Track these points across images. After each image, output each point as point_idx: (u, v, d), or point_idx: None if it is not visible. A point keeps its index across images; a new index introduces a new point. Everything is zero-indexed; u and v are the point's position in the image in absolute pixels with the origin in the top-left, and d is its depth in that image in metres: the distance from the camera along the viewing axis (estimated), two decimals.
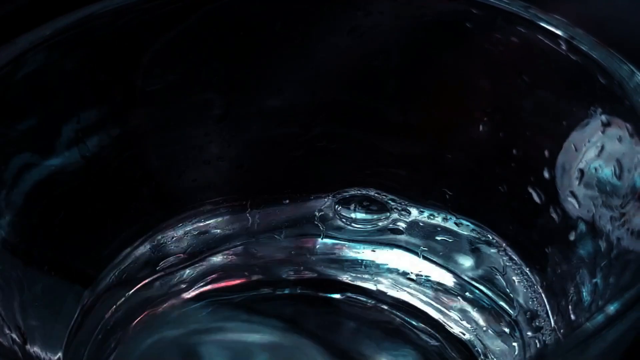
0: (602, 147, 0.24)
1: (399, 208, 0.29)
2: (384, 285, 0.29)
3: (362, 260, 0.29)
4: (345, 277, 0.29)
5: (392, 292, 0.28)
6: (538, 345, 0.26)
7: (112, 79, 0.27)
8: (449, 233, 0.29)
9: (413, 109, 0.28)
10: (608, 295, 0.21)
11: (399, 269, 0.29)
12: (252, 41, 0.28)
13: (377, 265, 0.29)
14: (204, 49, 0.28)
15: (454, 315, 0.28)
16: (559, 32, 0.24)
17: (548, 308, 0.26)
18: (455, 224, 0.29)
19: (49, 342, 0.25)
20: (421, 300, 0.28)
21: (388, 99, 0.28)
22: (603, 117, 0.24)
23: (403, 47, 0.28)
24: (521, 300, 0.27)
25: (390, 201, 0.29)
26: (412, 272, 0.29)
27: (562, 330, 0.25)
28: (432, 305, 0.28)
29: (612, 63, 0.23)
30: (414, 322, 0.28)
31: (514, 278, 0.27)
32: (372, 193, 0.30)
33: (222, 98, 0.29)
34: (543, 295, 0.26)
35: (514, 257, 0.28)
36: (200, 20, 0.28)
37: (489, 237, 0.28)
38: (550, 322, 0.26)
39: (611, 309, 0.19)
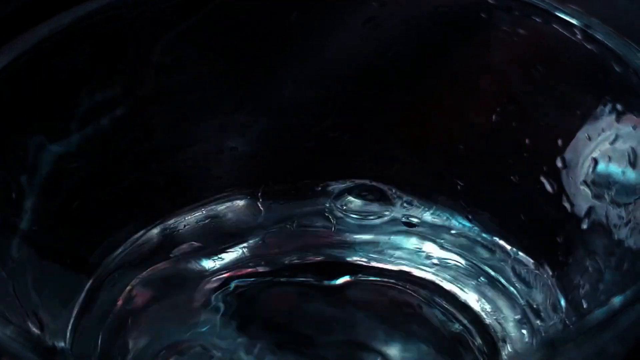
0: (617, 136, 0.24)
1: (412, 200, 0.29)
2: (405, 266, 0.29)
3: (379, 243, 0.29)
4: (360, 259, 0.29)
5: (416, 272, 0.29)
6: (546, 334, 0.26)
7: (126, 71, 0.27)
8: (461, 224, 0.29)
9: (427, 99, 0.28)
10: (617, 286, 0.21)
11: (418, 251, 0.29)
12: (266, 32, 0.28)
13: (395, 247, 0.29)
14: (217, 41, 0.28)
15: (476, 296, 0.28)
16: (574, 22, 0.25)
17: (557, 298, 0.26)
18: (468, 214, 0.29)
19: (61, 328, 0.26)
20: (445, 280, 0.28)
21: (402, 90, 0.28)
22: (618, 106, 0.24)
23: (418, 38, 0.28)
24: (531, 290, 0.27)
25: (403, 193, 0.30)
26: (432, 255, 0.29)
27: (571, 320, 0.25)
28: (456, 286, 0.28)
29: (628, 52, 0.23)
30: (440, 302, 0.28)
31: (524, 268, 0.27)
32: (384, 185, 0.30)
33: (236, 89, 0.29)
34: (553, 285, 0.26)
35: (524, 247, 0.28)
36: (214, 10, 0.28)
37: (500, 228, 0.28)
38: (559, 311, 0.26)
39: (621, 297, 0.19)
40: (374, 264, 0.29)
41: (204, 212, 0.30)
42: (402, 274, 0.29)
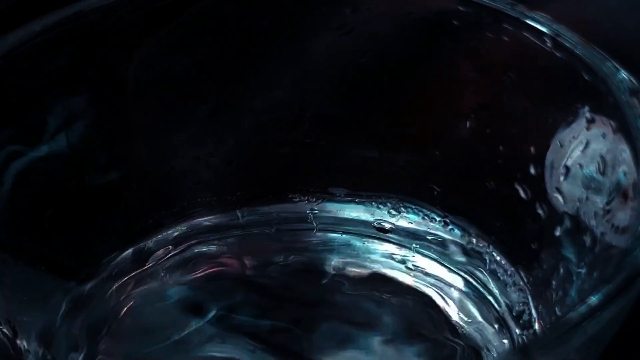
0: (587, 144, 0.24)
1: (388, 205, 0.29)
2: (382, 269, 0.29)
3: (356, 246, 0.29)
4: (338, 261, 0.29)
5: (394, 275, 0.29)
6: (523, 340, 0.26)
7: (102, 75, 0.28)
8: (437, 230, 0.29)
9: (401, 107, 0.28)
10: (590, 292, 0.21)
11: (396, 257, 0.29)
12: (240, 38, 0.28)
13: (372, 252, 0.29)
14: (194, 46, 0.28)
15: (453, 303, 0.28)
16: (544, 30, 0.25)
17: (533, 304, 0.26)
18: (444, 221, 0.29)
19: (36, 336, 0.26)
20: (425, 286, 0.28)
21: (376, 96, 0.29)
22: (588, 114, 0.24)
23: (391, 44, 0.28)
24: (507, 297, 0.27)
25: (378, 198, 0.30)
26: (408, 261, 0.29)
27: (546, 325, 0.25)
28: (434, 291, 0.28)
29: (597, 60, 0.23)
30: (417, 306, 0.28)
31: (500, 274, 0.28)
32: (361, 190, 0.30)
33: (212, 94, 0.29)
34: (528, 290, 0.27)
35: (500, 253, 0.28)
36: (190, 17, 0.28)
37: (476, 234, 0.28)
38: (535, 317, 0.26)
39: (593, 299, 0.19)
40: (351, 268, 0.29)
41: (181, 217, 0.30)
42: (379, 277, 0.29)
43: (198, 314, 0.28)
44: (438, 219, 0.29)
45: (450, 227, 0.29)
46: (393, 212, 0.29)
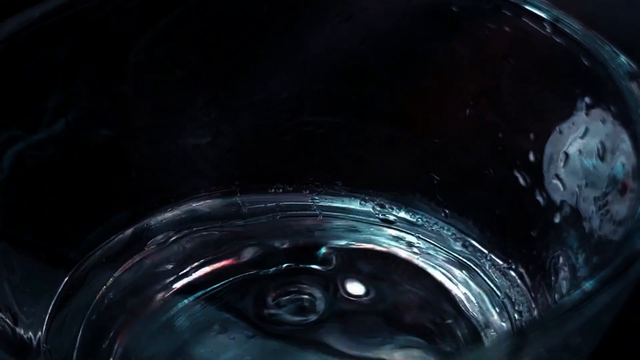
0: (587, 130, 0.24)
1: (389, 194, 0.30)
2: (391, 251, 0.29)
3: (362, 231, 0.30)
4: (344, 243, 0.29)
5: (403, 256, 0.29)
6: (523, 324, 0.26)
7: (101, 63, 0.28)
8: (438, 218, 0.29)
9: (400, 94, 0.28)
10: (588, 277, 0.21)
11: (402, 242, 0.29)
12: (240, 27, 0.28)
13: (379, 236, 0.29)
14: (193, 36, 0.28)
15: (459, 286, 0.28)
16: (543, 15, 0.25)
17: (532, 290, 0.26)
18: (444, 209, 0.29)
19: (35, 323, 0.26)
20: (432, 267, 0.28)
21: (374, 85, 0.29)
22: (587, 100, 0.24)
23: (390, 32, 0.28)
24: (507, 282, 0.27)
25: (378, 186, 0.30)
26: (414, 246, 0.29)
27: (545, 311, 0.25)
28: (442, 273, 0.28)
29: (596, 45, 0.23)
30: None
31: (500, 261, 0.28)
32: (360, 179, 0.30)
33: (211, 83, 0.29)
34: (527, 277, 0.27)
35: (500, 240, 0.28)
36: (189, 7, 0.28)
37: (475, 222, 0.28)
38: (534, 303, 0.26)
39: (589, 284, 0.19)
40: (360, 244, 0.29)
41: (181, 207, 0.30)
42: (388, 258, 0.29)
43: (199, 300, 0.28)
44: (438, 207, 0.29)
45: (450, 215, 0.29)
46: (393, 200, 0.29)
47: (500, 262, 0.28)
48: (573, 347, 0.21)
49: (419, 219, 0.29)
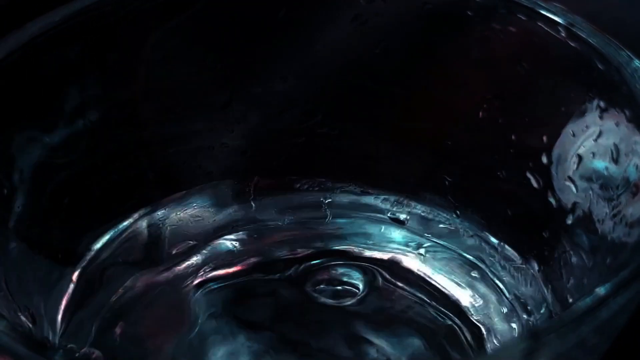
0: (600, 133, 0.24)
1: (401, 195, 0.30)
2: (398, 255, 0.29)
3: (371, 234, 0.30)
4: (352, 249, 0.29)
5: (405, 262, 0.29)
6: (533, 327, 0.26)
7: (117, 65, 0.28)
8: (449, 220, 0.29)
9: (414, 96, 0.29)
10: (601, 280, 0.21)
11: (410, 243, 0.29)
12: (255, 28, 0.28)
13: (388, 238, 0.30)
14: (208, 37, 0.29)
15: (465, 289, 0.28)
16: (558, 19, 0.25)
17: (544, 291, 0.26)
18: (456, 210, 0.29)
19: (53, 322, 0.26)
20: (435, 272, 0.29)
21: (389, 86, 0.29)
22: (601, 103, 0.24)
23: (404, 35, 0.28)
24: (518, 283, 0.27)
25: (390, 187, 0.30)
26: (422, 248, 0.29)
27: (557, 314, 0.26)
28: (445, 277, 0.28)
29: (611, 49, 0.23)
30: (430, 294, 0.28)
31: (511, 262, 0.28)
32: (373, 179, 0.30)
33: (226, 85, 0.29)
34: (539, 278, 0.27)
35: (511, 241, 0.28)
36: (204, 7, 0.28)
37: (488, 223, 0.28)
38: (545, 305, 0.26)
39: (602, 289, 0.19)
40: (366, 253, 0.29)
41: (195, 208, 0.30)
42: (391, 263, 0.29)
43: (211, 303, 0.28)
44: (450, 208, 0.29)
45: (461, 216, 0.29)
46: (405, 202, 0.30)
47: (511, 262, 0.28)
48: (588, 347, 0.21)
49: (431, 219, 0.29)
